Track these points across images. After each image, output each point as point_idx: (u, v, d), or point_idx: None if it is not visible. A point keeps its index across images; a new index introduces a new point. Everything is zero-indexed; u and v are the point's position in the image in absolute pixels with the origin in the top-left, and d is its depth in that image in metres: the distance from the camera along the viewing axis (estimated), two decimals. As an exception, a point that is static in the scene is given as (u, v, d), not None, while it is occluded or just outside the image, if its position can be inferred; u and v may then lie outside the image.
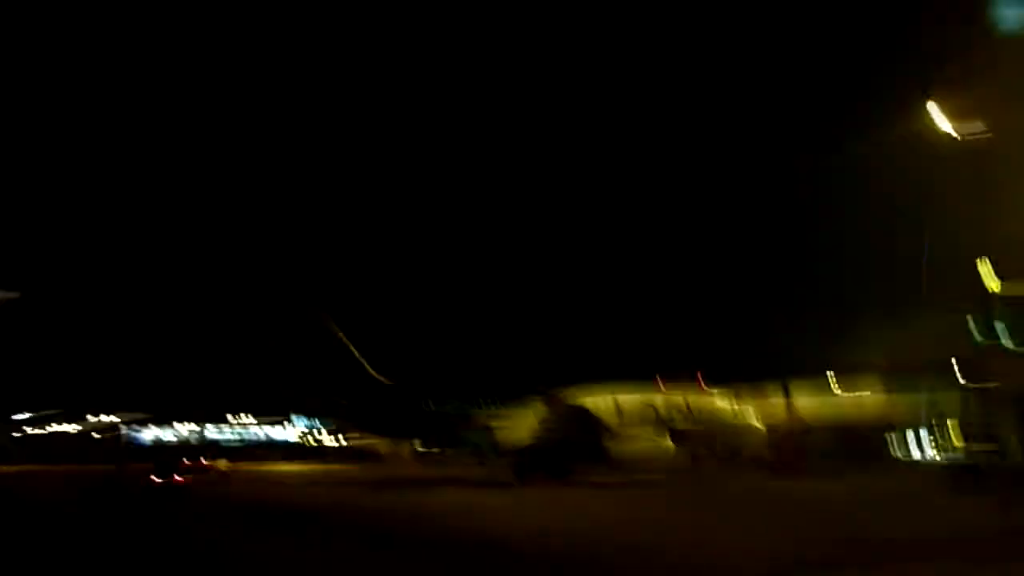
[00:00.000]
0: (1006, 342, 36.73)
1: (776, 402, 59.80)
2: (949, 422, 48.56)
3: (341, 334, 54.21)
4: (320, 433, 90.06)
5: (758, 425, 53.43)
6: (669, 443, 48.77)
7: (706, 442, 49.83)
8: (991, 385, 39.36)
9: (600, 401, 51.04)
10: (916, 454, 57.23)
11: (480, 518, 28.90)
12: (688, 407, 51.42)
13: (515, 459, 49.39)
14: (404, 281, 75.51)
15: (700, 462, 50.51)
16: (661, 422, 50.10)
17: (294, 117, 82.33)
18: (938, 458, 51.91)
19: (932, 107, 35.35)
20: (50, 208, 75.20)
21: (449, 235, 78.07)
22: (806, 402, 62.25)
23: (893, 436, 59.17)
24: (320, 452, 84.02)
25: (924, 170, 38.41)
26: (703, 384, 55.99)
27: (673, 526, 25.92)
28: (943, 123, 39.28)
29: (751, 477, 46.36)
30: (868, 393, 60.73)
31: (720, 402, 53.08)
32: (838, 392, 62.38)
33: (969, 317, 38.08)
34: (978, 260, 35.47)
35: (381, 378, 54.32)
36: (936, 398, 51.44)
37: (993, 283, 36.38)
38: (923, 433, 57.12)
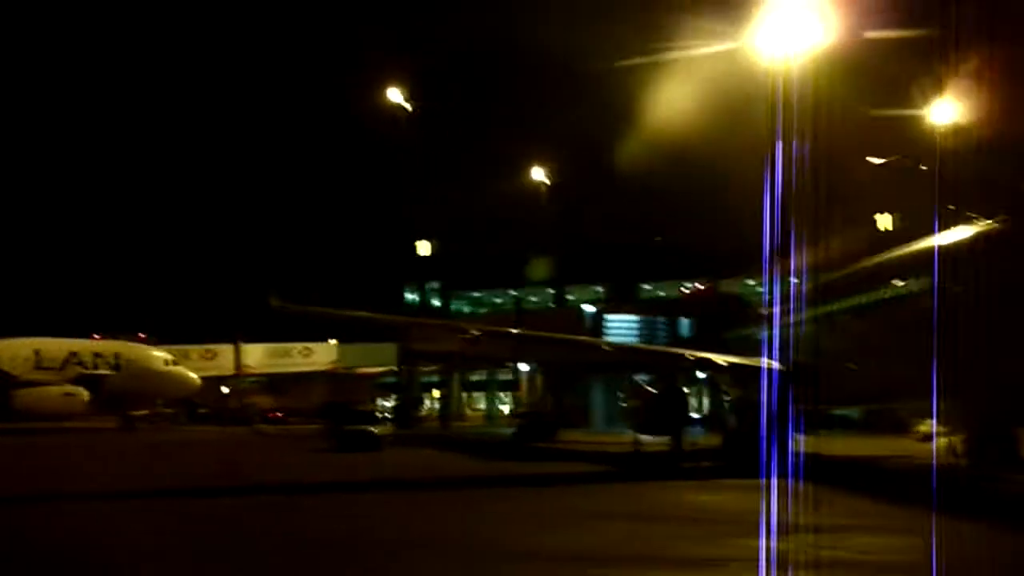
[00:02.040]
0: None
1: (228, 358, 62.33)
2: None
3: None
4: None
5: (193, 377, 53.75)
6: (84, 393, 47.29)
7: (129, 392, 48.96)
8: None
9: (18, 350, 48.73)
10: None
11: None
12: (117, 359, 50.34)
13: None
14: None
15: (128, 415, 49.72)
16: (85, 374, 48.49)
17: None
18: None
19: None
20: None
21: None
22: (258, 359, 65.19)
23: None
24: None
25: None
26: (146, 340, 56.51)
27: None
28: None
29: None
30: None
31: (155, 354, 52.74)
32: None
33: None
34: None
35: None
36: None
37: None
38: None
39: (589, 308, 50.59)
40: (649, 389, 28.26)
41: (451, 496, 20.56)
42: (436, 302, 60.83)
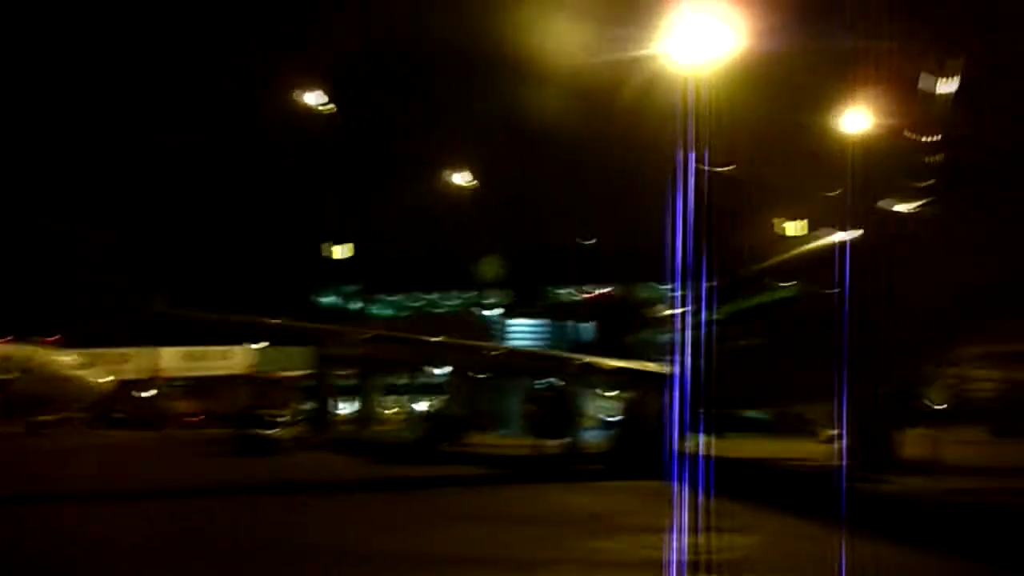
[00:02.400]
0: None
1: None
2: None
3: None
4: None
5: (101, 381, 52.76)
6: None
7: (35, 397, 47.93)
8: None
9: None
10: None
11: None
12: (24, 363, 49.25)
13: None
14: None
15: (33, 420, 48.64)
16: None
17: None
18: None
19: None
20: None
21: None
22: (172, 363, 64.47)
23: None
24: None
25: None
26: (56, 343, 55.23)
27: None
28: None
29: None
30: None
31: (63, 359, 51.57)
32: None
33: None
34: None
35: None
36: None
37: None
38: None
39: (492, 312, 50.68)
40: (544, 393, 28.32)
41: (320, 499, 20.43)
42: (360, 305, 60.45)
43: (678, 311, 29.29)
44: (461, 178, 50.73)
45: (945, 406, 58.39)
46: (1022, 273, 18.03)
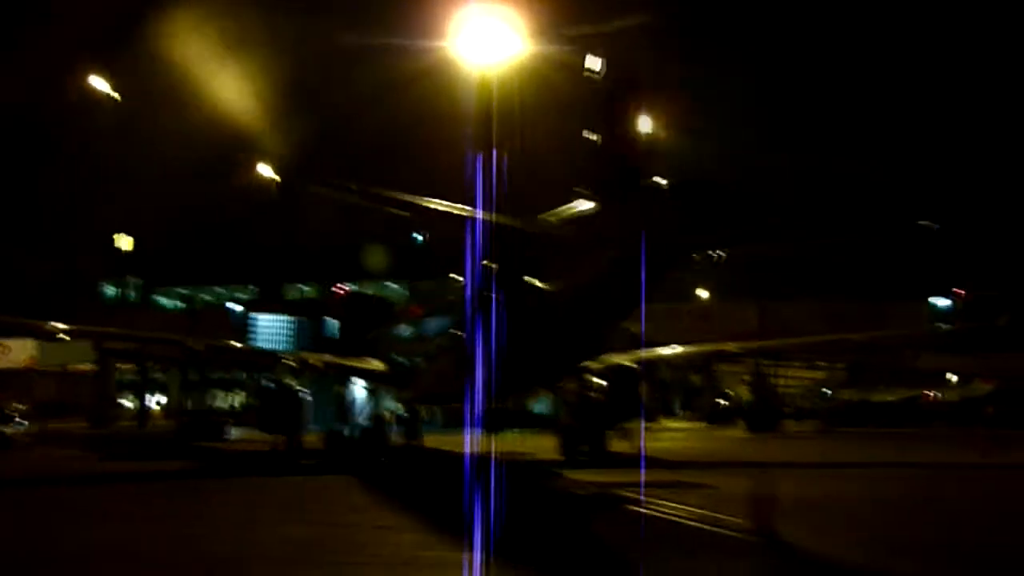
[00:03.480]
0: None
1: None
2: None
3: None
4: None
5: None
6: None
7: None
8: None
9: None
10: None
11: None
12: None
13: None
14: None
15: None
16: None
17: None
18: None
19: None
20: None
21: None
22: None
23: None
24: None
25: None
26: None
27: None
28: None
29: None
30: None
31: None
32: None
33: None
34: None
35: None
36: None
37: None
38: None
39: (236, 307, 50.59)
40: (270, 389, 28.58)
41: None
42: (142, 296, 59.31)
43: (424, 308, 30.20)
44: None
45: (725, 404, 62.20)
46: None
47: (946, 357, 59.53)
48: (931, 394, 62.38)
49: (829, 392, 64.82)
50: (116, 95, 48.95)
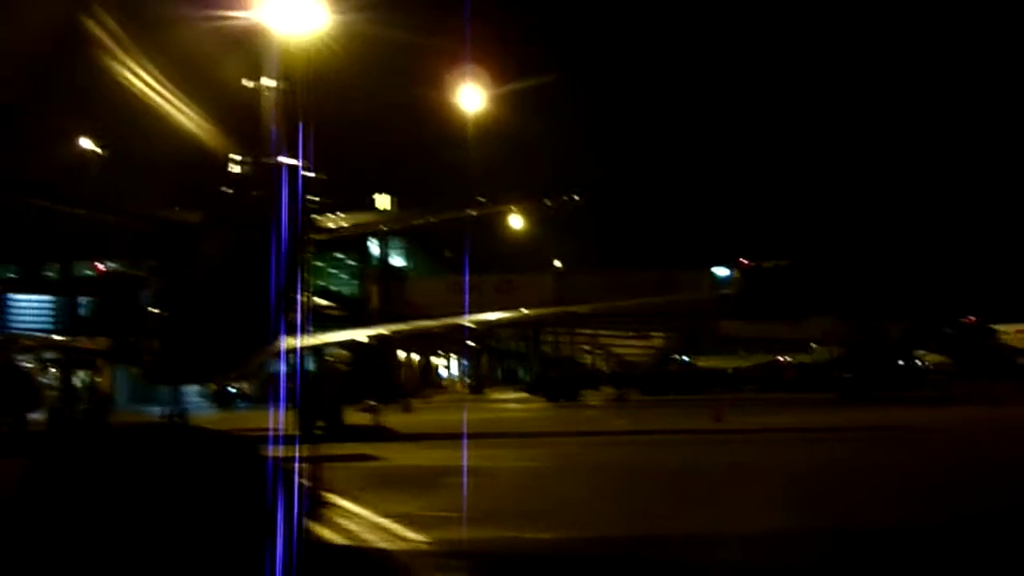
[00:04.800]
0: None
1: None
2: None
3: None
4: None
5: None
6: None
7: None
8: None
9: None
10: None
11: None
12: None
13: None
14: None
15: None
16: None
17: None
18: None
19: None
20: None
21: None
22: None
23: None
24: None
25: None
26: None
27: None
28: None
29: None
30: None
31: None
32: None
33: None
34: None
35: None
36: None
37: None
38: None
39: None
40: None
41: None
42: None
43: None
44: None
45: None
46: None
47: (747, 325, 61.48)
48: (783, 360, 64.34)
49: (686, 359, 66.19)
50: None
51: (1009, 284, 79.40)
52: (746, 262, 45.29)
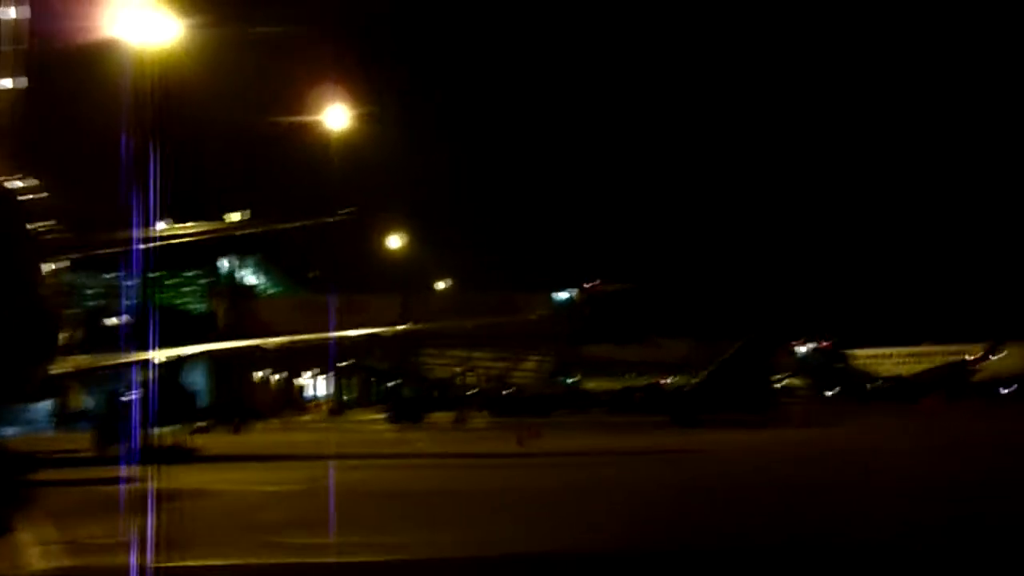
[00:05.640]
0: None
1: None
2: None
3: None
4: None
5: None
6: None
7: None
8: None
9: None
10: None
11: None
12: None
13: None
14: None
15: None
16: None
17: None
18: None
19: None
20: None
21: None
22: None
23: None
24: None
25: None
26: None
27: None
28: None
29: None
30: None
31: None
32: None
33: None
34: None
35: None
36: None
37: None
38: None
39: None
40: None
41: None
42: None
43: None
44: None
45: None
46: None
47: (616, 349, 62.32)
48: (664, 382, 64.76)
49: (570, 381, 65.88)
50: None
51: (863, 309, 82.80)
52: (589, 286, 46.36)
